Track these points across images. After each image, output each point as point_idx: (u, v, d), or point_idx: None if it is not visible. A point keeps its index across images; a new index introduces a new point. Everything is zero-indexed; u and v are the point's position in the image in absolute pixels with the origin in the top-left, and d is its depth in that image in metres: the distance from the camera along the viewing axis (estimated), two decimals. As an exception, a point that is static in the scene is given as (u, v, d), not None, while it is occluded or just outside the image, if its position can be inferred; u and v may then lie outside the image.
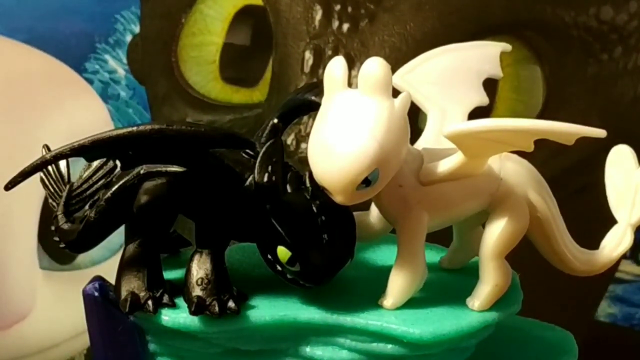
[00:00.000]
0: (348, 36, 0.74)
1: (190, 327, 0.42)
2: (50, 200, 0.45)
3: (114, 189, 0.42)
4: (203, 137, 0.40)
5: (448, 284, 0.45)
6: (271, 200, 0.40)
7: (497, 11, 0.74)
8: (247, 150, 0.42)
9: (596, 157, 0.48)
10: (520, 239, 0.43)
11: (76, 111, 0.76)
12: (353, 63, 0.72)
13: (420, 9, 0.74)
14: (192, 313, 0.41)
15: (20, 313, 0.74)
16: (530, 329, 0.48)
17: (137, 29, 0.78)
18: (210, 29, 0.78)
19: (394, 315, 0.41)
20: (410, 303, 0.42)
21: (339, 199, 0.40)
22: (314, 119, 0.41)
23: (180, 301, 0.42)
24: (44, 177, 0.45)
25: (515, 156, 0.43)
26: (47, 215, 0.55)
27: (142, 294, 0.42)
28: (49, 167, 0.45)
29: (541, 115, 0.75)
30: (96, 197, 0.43)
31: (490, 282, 0.42)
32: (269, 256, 0.41)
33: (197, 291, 0.41)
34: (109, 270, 0.44)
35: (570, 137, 0.40)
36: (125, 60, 0.78)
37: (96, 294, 0.43)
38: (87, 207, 0.44)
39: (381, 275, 0.42)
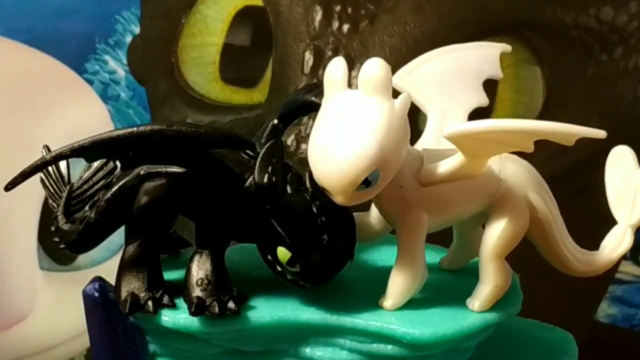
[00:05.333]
0: (348, 37, 0.74)
1: (190, 328, 0.42)
2: (50, 201, 0.45)
3: (114, 189, 0.42)
4: (203, 138, 0.40)
5: (448, 285, 0.45)
6: (271, 200, 0.40)
7: (497, 12, 0.74)
8: (247, 151, 0.42)
9: (596, 158, 0.48)
10: (520, 239, 0.43)
11: (76, 112, 0.76)
12: (353, 64, 0.72)
13: (420, 9, 0.74)
14: (192, 314, 0.41)
15: (20, 314, 0.74)
16: (530, 329, 0.48)
17: (137, 29, 0.78)
18: (211, 30, 0.78)
19: (394, 315, 0.41)
20: (410, 304, 0.42)
21: (339, 199, 0.40)
22: (314, 120, 0.41)
23: (180, 302, 0.42)
24: (44, 177, 0.45)
25: (515, 157, 0.43)
26: (47, 216, 0.55)
27: (142, 295, 0.42)
28: (49, 168, 0.45)
29: (541, 116, 0.75)
30: (96, 198, 0.43)
31: (490, 282, 0.42)
32: (269, 257, 0.41)
33: (197, 292, 0.41)
34: (109, 271, 0.44)
35: (570, 138, 0.40)
36: (125, 61, 0.78)
37: (96, 294, 0.43)
38: (87, 207, 0.44)
39: (381, 276, 0.42)
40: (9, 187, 0.40)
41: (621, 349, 0.83)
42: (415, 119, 0.44)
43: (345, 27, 0.74)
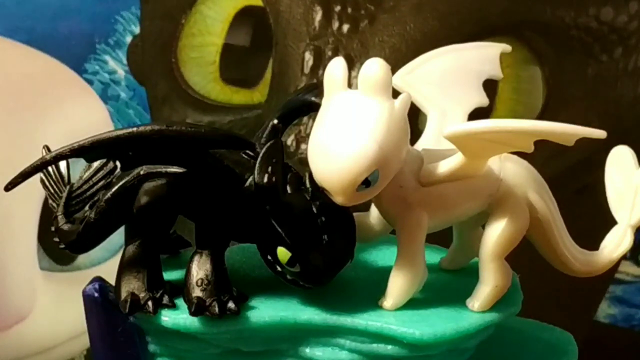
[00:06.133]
0: (348, 37, 0.74)
1: (190, 328, 0.42)
2: (50, 201, 0.45)
3: (114, 189, 0.42)
4: (203, 138, 0.40)
5: (448, 285, 0.45)
6: (271, 201, 0.40)
7: (497, 12, 0.74)
8: (247, 151, 0.42)
9: (596, 158, 0.48)
10: (520, 240, 0.43)
11: (76, 112, 0.76)
12: (353, 64, 0.72)
13: (420, 10, 0.74)
14: (192, 314, 0.41)
15: (20, 314, 0.74)
16: (530, 329, 0.48)
17: (137, 29, 0.78)
18: (210, 30, 0.78)
19: (394, 316, 0.41)
20: (410, 304, 0.42)
21: (339, 199, 0.40)
22: (314, 120, 0.41)
23: (180, 302, 0.42)
24: (44, 177, 0.45)
25: (515, 157, 0.43)
26: (47, 216, 0.55)
27: (142, 295, 0.42)
28: (49, 168, 0.45)
29: (541, 116, 0.75)
30: (96, 198, 0.43)
31: (490, 283, 0.42)
32: (269, 257, 0.41)
33: (197, 292, 0.41)
34: (109, 271, 0.44)
35: (570, 138, 0.40)
36: (125, 61, 0.78)
37: (96, 294, 0.43)
38: (87, 207, 0.44)
39: (381, 276, 0.43)
40: (9, 187, 0.40)
41: (621, 349, 0.83)
42: (415, 119, 0.44)
43: (345, 27, 0.74)
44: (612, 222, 0.46)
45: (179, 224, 0.44)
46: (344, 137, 0.39)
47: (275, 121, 0.45)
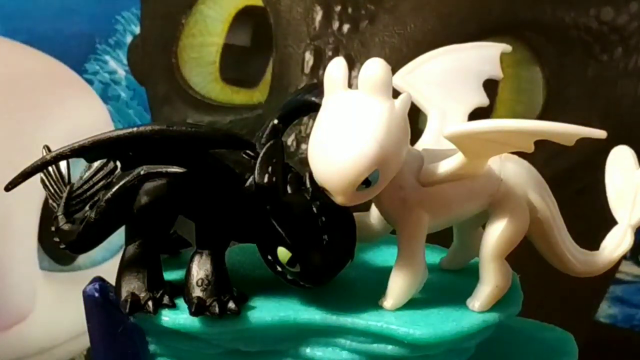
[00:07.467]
0: (348, 37, 0.74)
1: (190, 328, 0.42)
2: (50, 201, 0.45)
3: (114, 189, 0.42)
4: (203, 138, 0.40)
5: (448, 285, 0.45)
6: (271, 201, 0.40)
7: (497, 12, 0.74)
8: (248, 151, 0.42)
9: (596, 158, 0.48)
10: (521, 240, 0.43)
11: (76, 112, 0.76)
12: (353, 64, 0.72)
13: (421, 9, 0.74)
14: (193, 314, 0.41)
15: (21, 314, 0.74)
16: (530, 329, 0.48)
17: (137, 29, 0.78)
18: (211, 30, 0.78)
19: (395, 316, 0.41)
20: (411, 304, 0.42)
21: (339, 199, 0.40)
22: (314, 120, 0.41)
23: (180, 302, 0.42)
24: (44, 177, 0.45)
25: (515, 157, 0.43)
26: (47, 216, 0.55)
27: (142, 295, 0.42)
28: (50, 168, 0.45)
29: (541, 116, 0.75)
30: (96, 198, 0.43)
31: (490, 283, 0.42)
32: (269, 257, 0.41)
33: (197, 292, 0.41)
34: (109, 271, 0.44)
35: (570, 138, 0.40)
36: (125, 61, 0.78)
37: (96, 294, 0.43)
38: (87, 208, 0.44)
39: (381, 276, 0.42)
40: (9, 187, 0.40)
41: (621, 349, 0.83)
42: (416, 119, 0.44)
43: (346, 27, 0.74)
44: (612, 222, 0.46)
45: (179, 224, 0.44)
46: (344, 137, 0.39)
47: (276, 121, 0.45)
